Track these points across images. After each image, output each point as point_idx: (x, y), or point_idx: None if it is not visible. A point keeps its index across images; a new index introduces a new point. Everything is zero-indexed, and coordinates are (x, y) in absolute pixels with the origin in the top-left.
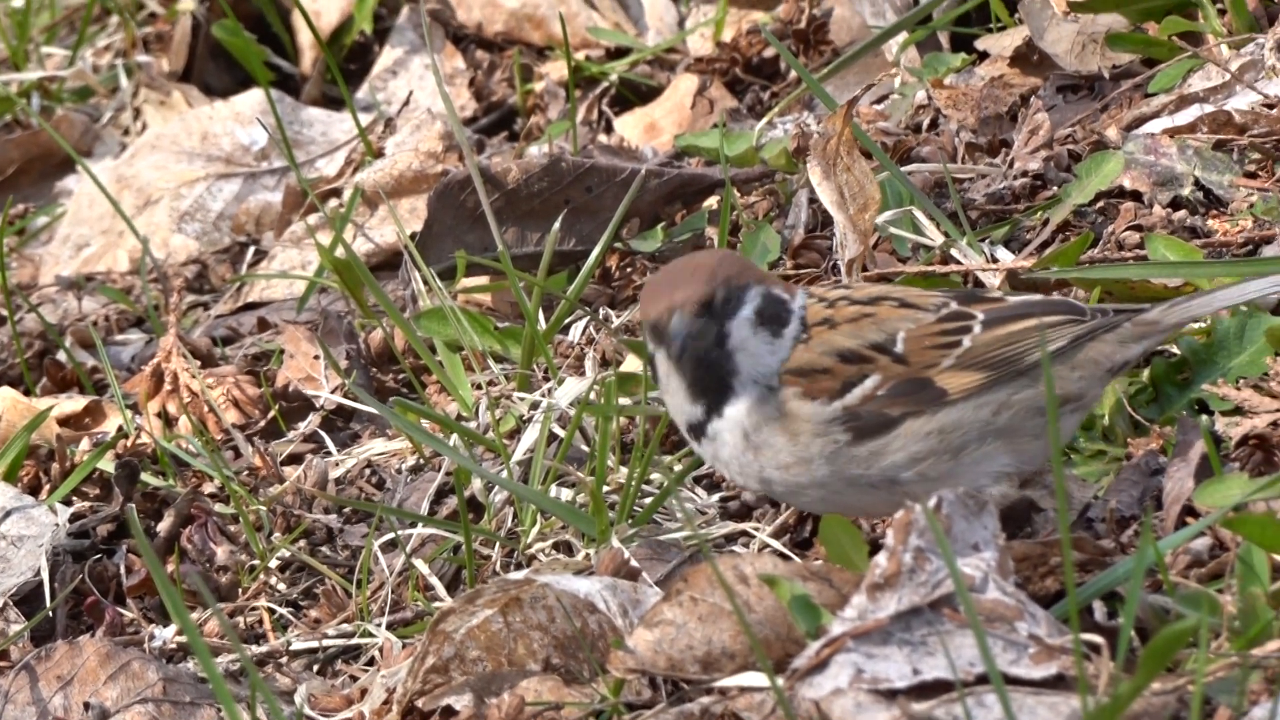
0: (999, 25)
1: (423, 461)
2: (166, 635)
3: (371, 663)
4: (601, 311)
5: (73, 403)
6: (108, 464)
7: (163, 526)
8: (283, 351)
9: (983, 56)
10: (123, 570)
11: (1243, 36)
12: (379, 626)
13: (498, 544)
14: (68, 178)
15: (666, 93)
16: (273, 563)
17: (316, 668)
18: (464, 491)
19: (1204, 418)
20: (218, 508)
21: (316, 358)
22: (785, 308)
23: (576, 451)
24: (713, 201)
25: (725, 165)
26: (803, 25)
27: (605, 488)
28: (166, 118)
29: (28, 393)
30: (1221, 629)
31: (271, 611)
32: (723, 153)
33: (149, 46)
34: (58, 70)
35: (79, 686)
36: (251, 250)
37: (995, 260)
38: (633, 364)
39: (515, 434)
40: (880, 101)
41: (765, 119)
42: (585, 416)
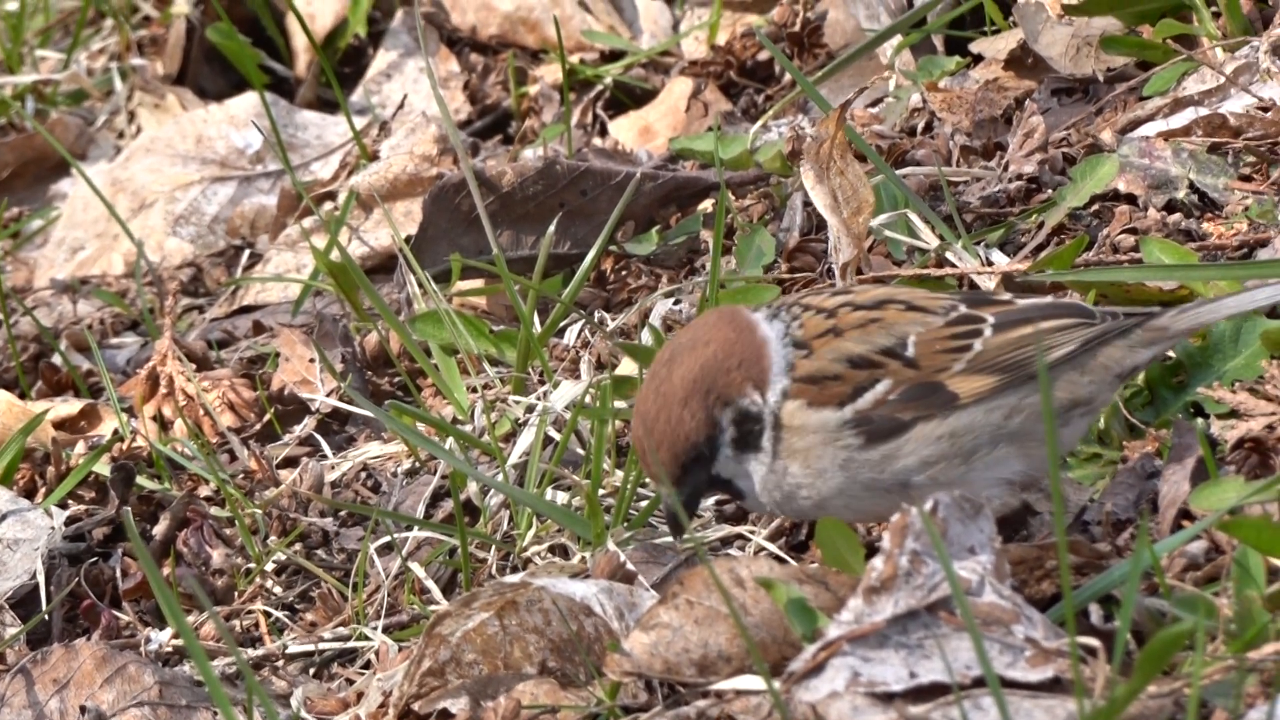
0: (993, 28)
1: (418, 465)
2: (162, 638)
3: (368, 666)
4: (596, 315)
5: (68, 406)
6: (103, 467)
7: (158, 530)
8: (278, 355)
9: (977, 59)
10: (118, 573)
11: (1237, 39)
12: (375, 630)
13: (493, 547)
14: (62, 181)
15: (661, 96)
16: (268, 566)
17: (313, 671)
18: (460, 495)
19: (1200, 421)
20: (213, 511)
21: (312, 361)
22: (755, 420)
23: (572, 455)
24: (707, 205)
25: (720, 168)
26: (797, 28)
27: (601, 491)
28: (161, 121)
29: (23, 396)
30: (1218, 632)
31: (267, 615)
32: (717, 156)
33: (143, 50)
34: (52, 73)
35: (75, 690)
36: (246, 253)
37: (990, 263)
38: (628, 367)
39: (511, 437)
40: (875, 105)
41: (760, 122)
42: (581, 420)
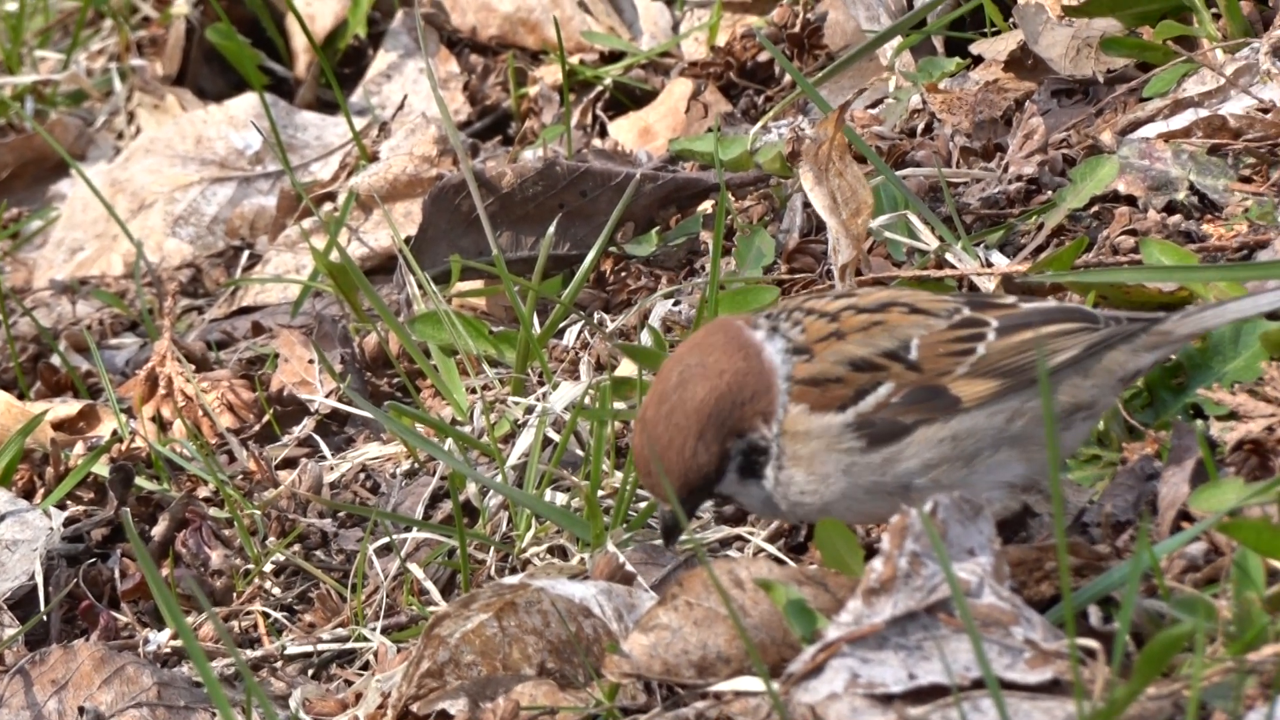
0: (993, 30)
1: (417, 466)
2: (161, 639)
3: (366, 667)
4: (596, 316)
5: (67, 407)
6: (102, 468)
7: (157, 531)
8: (277, 355)
9: (977, 61)
10: (117, 574)
11: (1237, 41)
12: (374, 631)
13: (492, 548)
14: (62, 182)
15: (661, 97)
16: (267, 567)
17: (311, 672)
18: (459, 496)
19: (1199, 422)
20: (212, 512)
21: (311, 362)
22: (762, 452)
23: (571, 456)
24: (707, 206)
25: (720, 169)
26: (797, 29)
27: (600, 492)
28: (160, 121)
29: (22, 397)
30: (1217, 634)
31: (266, 616)
32: (717, 157)
33: (143, 50)
34: (52, 74)
35: (73, 691)
36: (246, 254)
37: (990, 265)
38: (627, 368)
39: (510, 438)
40: (875, 106)
41: (760, 123)
42: (580, 421)
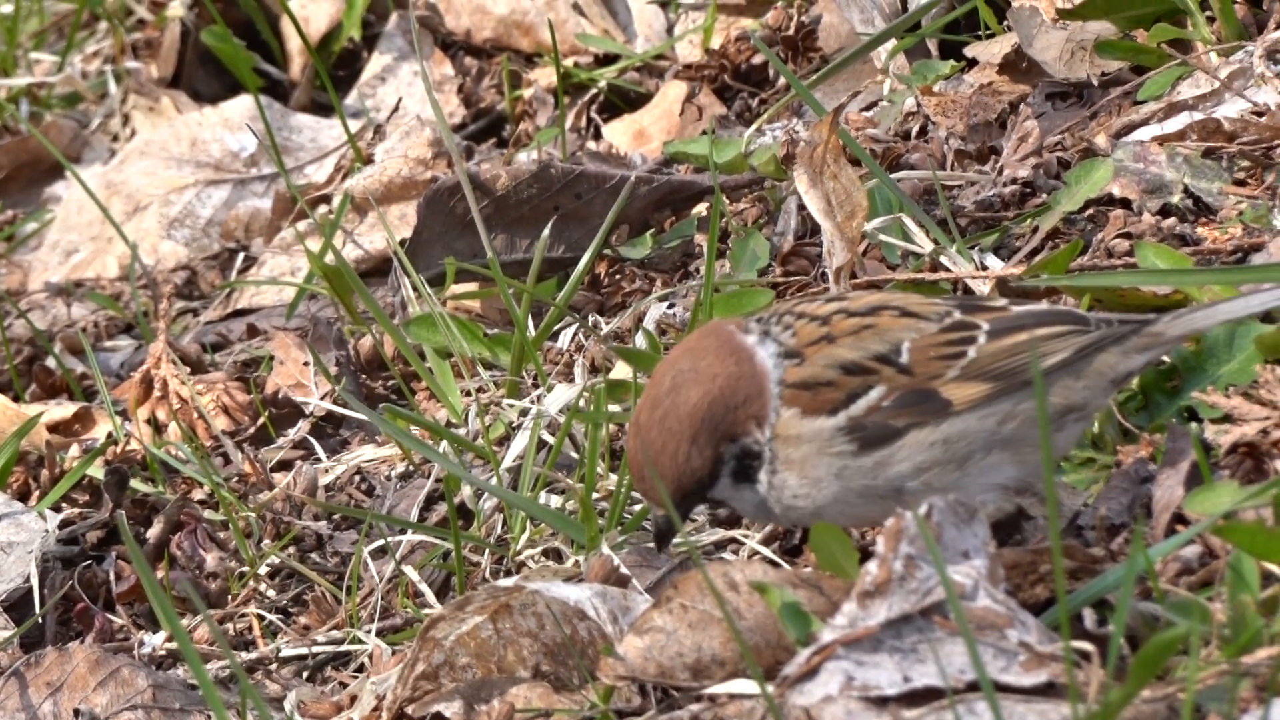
0: (988, 32)
1: (412, 468)
2: (156, 642)
3: (361, 669)
4: (591, 318)
5: (62, 409)
6: (97, 470)
7: (152, 533)
8: (272, 358)
9: (972, 64)
10: (112, 577)
11: (1232, 44)
12: (369, 633)
13: (487, 551)
14: (57, 184)
15: (655, 99)
16: (262, 569)
17: (306, 674)
18: (453, 498)
19: (1193, 425)
20: (207, 514)
21: (306, 364)
22: (755, 457)
23: (566, 458)
24: (702, 208)
25: (714, 172)
26: (791, 32)
27: (595, 495)
28: (155, 124)
29: (17, 399)
30: (1212, 636)
31: (261, 618)
32: (712, 160)
33: (138, 52)
34: (47, 76)
35: (68, 693)
36: (241, 256)
37: (985, 267)
38: (622, 371)
39: (505, 441)
40: (869, 109)
41: (754, 126)
42: (575, 423)
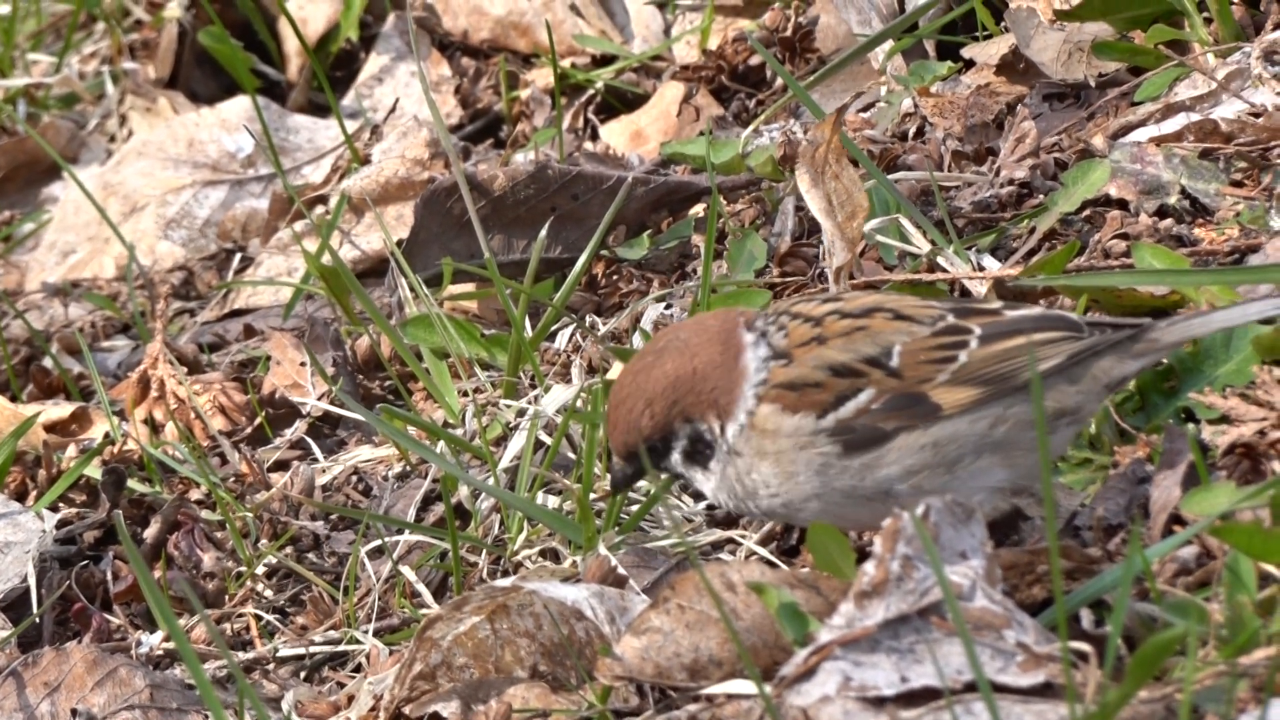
0: (985, 34)
1: (409, 468)
2: (153, 641)
3: (358, 669)
4: (588, 319)
5: (59, 409)
6: (94, 470)
7: (149, 533)
8: (269, 358)
9: (969, 65)
10: (110, 576)
11: (1229, 45)
12: (366, 633)
13: (484, 551)
14: (54, 184)
15: (652, 100)
16: (259, 569)
17: (303, 674)
18: (451, 498)
19: (1191, 426)
20: (204, 514)
21: (303, 364)
22: (707, 446)
23: (563, 459)
24: (699, 209)
25: (712, 173)
26: (789, 33)
27: (592, 495)
28: (153, 124)
29: (14, 399)
30: (1209, 637)
31: (258, 618)
32: (709, 160)
33: (135, 53)
34: (44, 77)
35: (66, 693)
36: (238, 257)
37: (982, 268)
38: (619, 371)
39: (502, 441)
40: (867, 109)
41: (751, 127)
42: (572, 424)
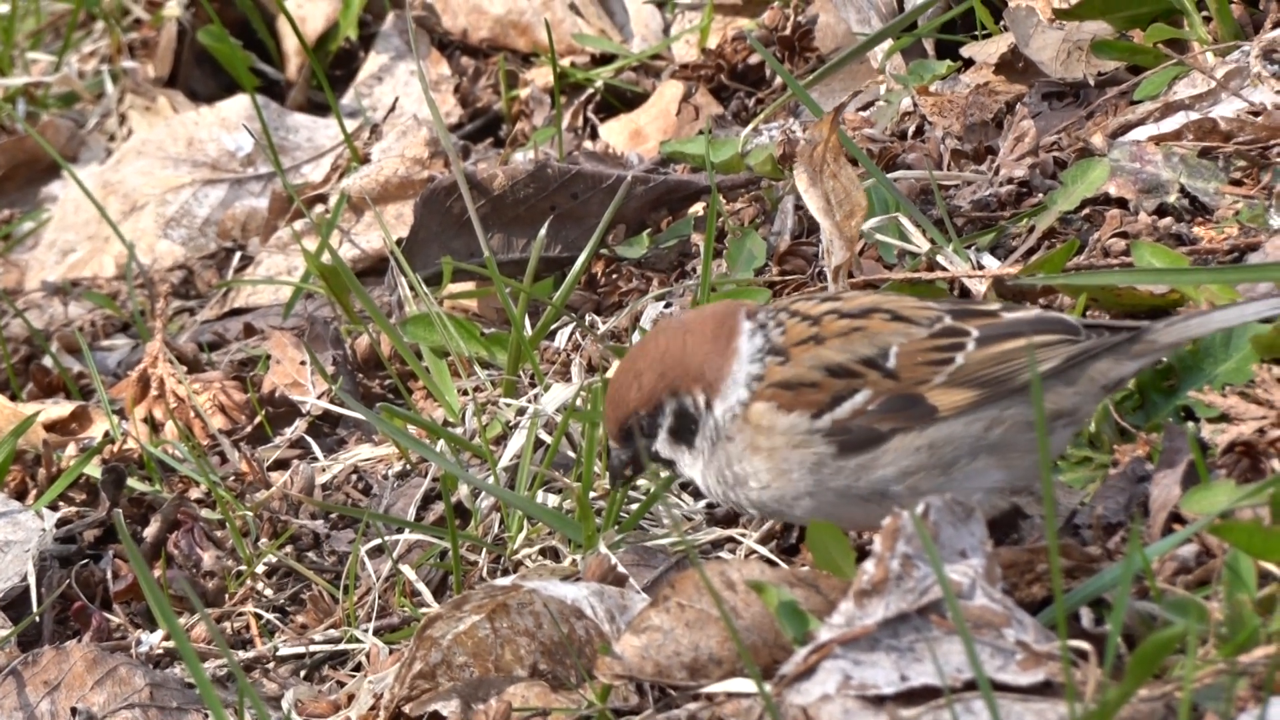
0: (984, 32)
1: (409, 467)
2: (153, 640)
3: (358, 668)
4: (587, 318)
5: (59, 408)
6: (94, 469)
7: (149, 532)
8: (269, 357)
9: (968, 64)
10: (109, 575)
11: (1228, 44)
12: (366, 632)
13: (484, 550)
14: (53, 183)
15: (652, 99)
16: (259, 568)
17: (303, 673)
18: (451, 497)
19: (1190, 424)
20: (204, 513)
21: (303, 363)
22: (692, 421)
23: (563, 457)
24: (698, 208)
25: (711, 172)
26: (788, 32)
27: (592, 493)
28: (152, 123)
29: (14, 398)
30: (1209, 635)
31: (258, 617)
32: (708, 159)
33: (134, 52)
34: (43, 76)
35: (66, 692)
36: (237, 256)
37: (981, 267)
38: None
39: (502, 440)
40: (866, 108)
41: (751, 126)
42: (571, 422)
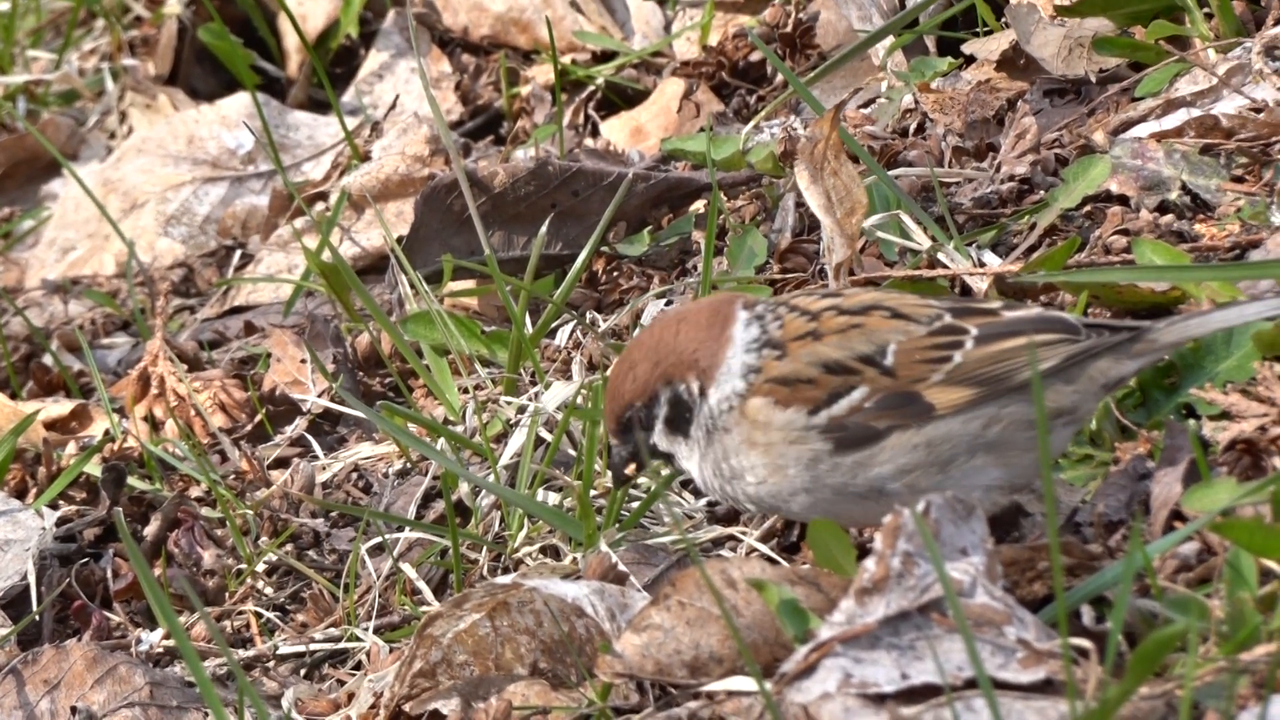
0: (985, 29)
1: (409, 465)
2: (153, 639)
3: (359, 667)
4: (588, 315)
5: (59, 406)
6: (94, 468)
7: (149, 530)
8: (269, 355)
9: (969, 60)
10: (109, 574)
11: (1230, 41)
12: (366, 631)
13: (485, 548)
14: (53, 181)
15: (653, 96)
16: (260, 567)
17: (304, 672)
18: (451, 495)
19: (1191, 422)
20: (204, 512)
21: (303, 361)
22: (687, 409)
23: (563, 456)
24: (699, 205)
25: (712, 169)
26: (789, 29)
27: (592, 492)
28: (152, 121)
29: (14, 396)
30: (1210, 633)
31: (258, 615)
32: (709, 157)
33: (135, 50)
34: (43, 74)
35: (66, 690)
36: (238, 254)
37: (982, 264)
38: None
39: (502, 438)
40: (867, 106)
41: (752, 123)
42: (572, 420)
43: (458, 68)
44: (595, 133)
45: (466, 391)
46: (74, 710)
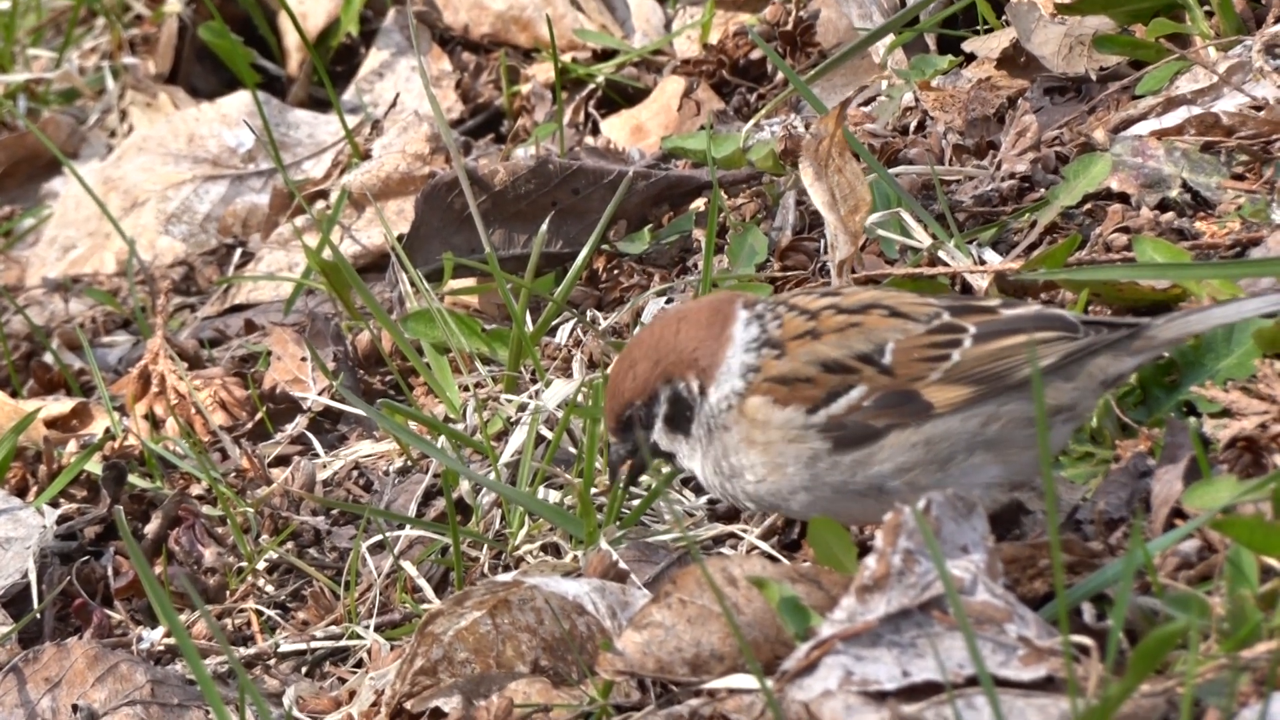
0: (986, 27)
1: (410, 463)
2: (154, 637)
3: (360, 664)
4: (589, 313)
5: (60, 404)
6: (95, 466)
7: (150, 528)
8: (270, 353)
9: (970, 58)
10: (110, 572)
11: (1230, 39)
12: (367, 628)
13: (486, 546)
14: (54, 180)
15: (653, 95)
16: (260, 564)
17: (305, 669)
18: (452, 493)
19: (1192, 420)
20: (205, 509)
21: (304, 359)
22: (687, 407)
23: (564, 453)
24: (700, 203)
25: (712, 167)
26: (790, 27)
27: (593, 490)
28: (153, 120)
29: (14, 394)
30: (1211, 631)
31: (259, 613)
32: (710, 155)
33: (135, 48)
34: (44, 72)
35: (67, 688)
36: (238, 252)
37: (983, 262)
38: None
39: (503, 436)
40: (868, 104)
41: (752, 121)
42: (573, 418)
43: (458, 66)
44: (596, 131)
45: (467, 389)
46: (75, 708)
